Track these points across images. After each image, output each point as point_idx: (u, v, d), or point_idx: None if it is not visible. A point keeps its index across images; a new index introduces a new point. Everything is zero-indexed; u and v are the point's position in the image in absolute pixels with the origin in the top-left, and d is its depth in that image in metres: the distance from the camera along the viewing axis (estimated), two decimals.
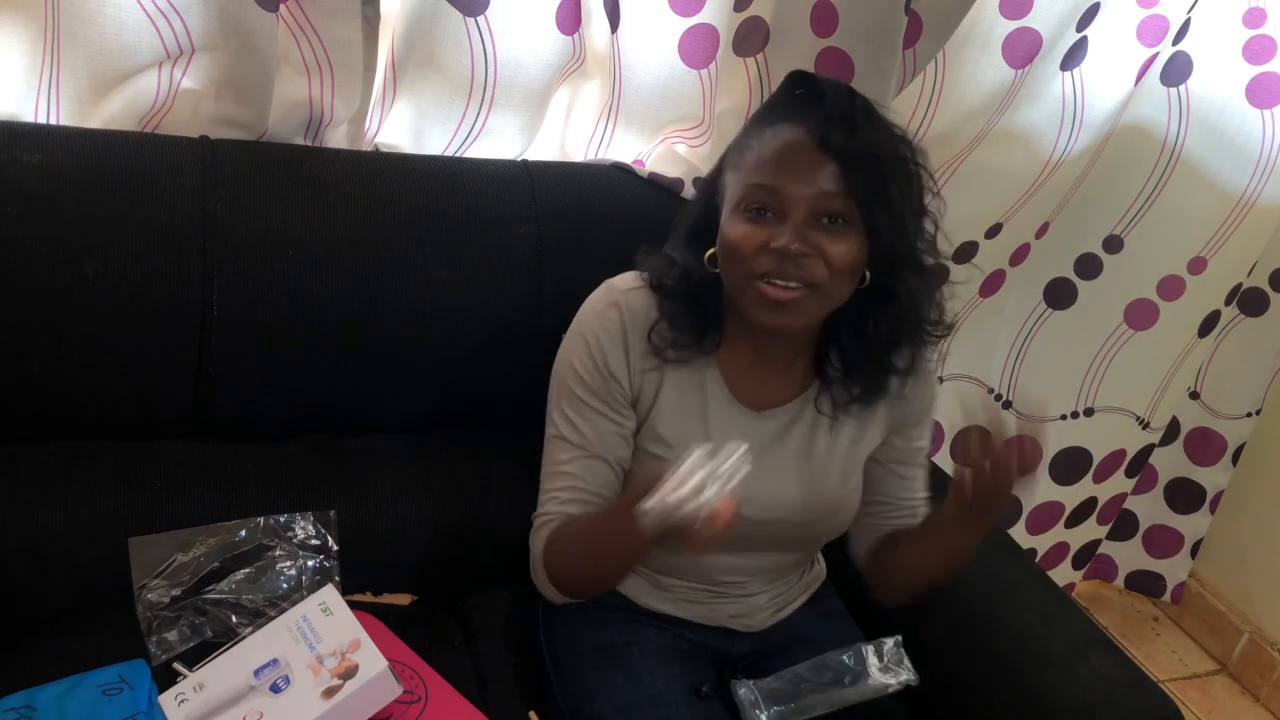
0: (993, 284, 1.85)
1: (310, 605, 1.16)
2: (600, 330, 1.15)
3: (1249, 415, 2.15)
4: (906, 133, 1.11)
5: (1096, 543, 2.24)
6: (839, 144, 1.03)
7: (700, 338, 1.14)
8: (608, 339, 1.15)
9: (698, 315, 1.13)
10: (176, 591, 1.21)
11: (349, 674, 1.07)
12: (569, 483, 1.16)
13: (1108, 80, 1.63)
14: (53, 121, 1.27)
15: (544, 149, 1.53)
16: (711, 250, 1.11)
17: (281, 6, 1.26)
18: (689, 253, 1.15)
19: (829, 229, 1.05)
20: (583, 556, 1.15)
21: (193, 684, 1.11)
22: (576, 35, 1.41)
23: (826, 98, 1.06)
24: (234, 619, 1.21)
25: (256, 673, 1.10)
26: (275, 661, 1.11)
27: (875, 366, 1.16)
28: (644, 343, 1.15)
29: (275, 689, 1.08)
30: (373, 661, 1.08)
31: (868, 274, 1.09)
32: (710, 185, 1.16)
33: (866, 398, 1.17)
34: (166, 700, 1.09)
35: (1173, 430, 2.18)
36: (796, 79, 1.12)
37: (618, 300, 1.16)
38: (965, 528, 1.12)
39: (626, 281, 1.18)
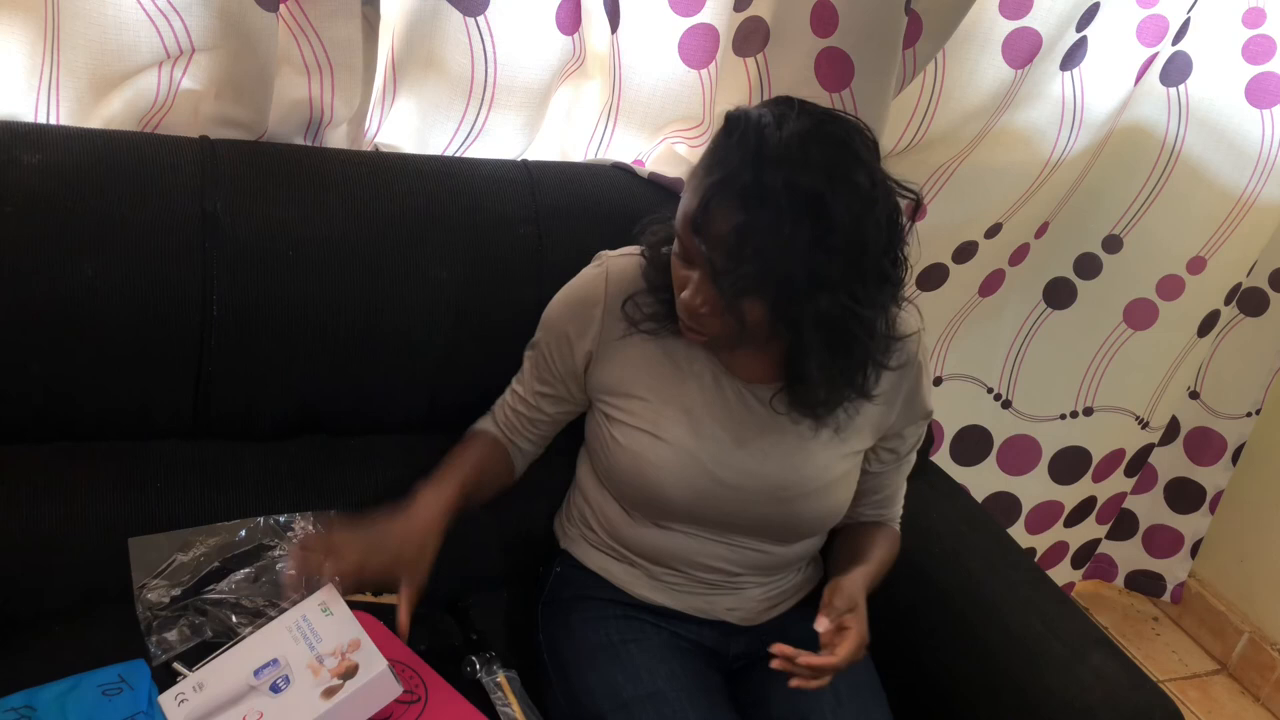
0: (992, 284, 1.85)
1: (310, 605, 1.16)
2: (576, 297, 1.23)
3: (1249, 415, 2.15)
4: (882, 187, 1.05)
5: (1096, 542, 2.24)
6: (723, 226, 1.00)
7: (672, 313, 1.16)
8: (580, 307, 1.22)
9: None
10: (176, 591, 1.21)
11: (349, 674, 1.07)
12: (507, 400, 1.31)
13: (1107, 80, 1.63)
14: (53, 121, 1.27)
15: (544, 149, 1.53)
16: None
17: (281, 6, 1.26)
18: None
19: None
20: None
21: (192, 684, 1.11)
22: (576, 35, 1.41)
23: (733, 158, 1.01)
24: (234, 619, 1.21)
25: (256, 673, 1.10)
26: (275, 661, 1.11)
27: (813, 387, 1.14)
28: (620, 310, 1.20)
29: (275, 689, 1.08)
30: (373, 661, 1.08)
31: None
32: None
33: (819, 412, 1.17)
34: (166, 700, 1.09)
35: (1172, 430, 2.18)
36: (728, 122, 1.05)
37: (606, 266, 1.22)
38: None
39: (621, 250, 1.25)
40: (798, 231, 1.00)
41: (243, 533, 1.25)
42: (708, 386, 1.20)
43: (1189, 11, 1.62)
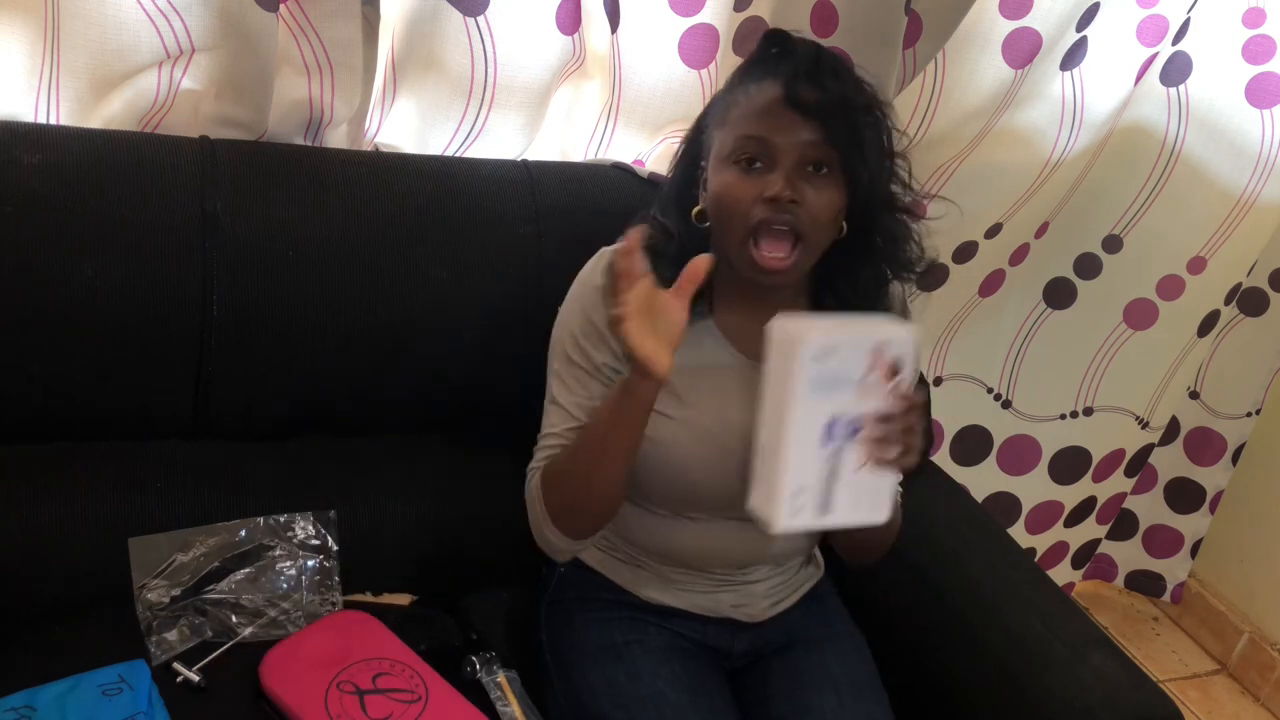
0: (993, 284, 1.85)
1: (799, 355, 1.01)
2: (590, 295, 1.19)
3: (1249, 415, 2.15)
4: (872, 86, 1.16)
5: (1096, 542, 2.24)
6: (815, 97, 1.09)
7: (693, 302, 1.16)
8: (596, 305, 1.18)
9: None
10: (176, 591, 1.21)
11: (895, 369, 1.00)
12: (561, 443, 1.18)
13: (1107, 80, 1.63)
14: (53, 121, 1.27)
15: (544, 149, 1.53)
16: (698, 208, 1.16)
17: (281, 6, 1.26)
18: (676, 216, 1.19)
19: (813, 177, 1.11)
20: (575, 465, 1.14)
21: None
22: (576, 35, 1.41)
23: (798, 53, 1.12)
24: (234, 619, 1.21)
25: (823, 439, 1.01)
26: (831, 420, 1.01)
27: (867, 307, 1.21)
28: None
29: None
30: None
31: (844, 225, 1.15)
32: (692, 147, 1.20)
33: None
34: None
35: (1172, 430, 2.18)
36: (771, 39, 1.17)
37: (611, 261, 1.20)
38: None
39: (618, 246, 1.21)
40: (870, 107, 1.13)
41: (243, 533, 1.25)
42: (725, 367, 1.20)
43: (1189, 11, 1.62)
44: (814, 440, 1.02)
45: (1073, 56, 1.60)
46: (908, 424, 1.02)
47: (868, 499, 1.06)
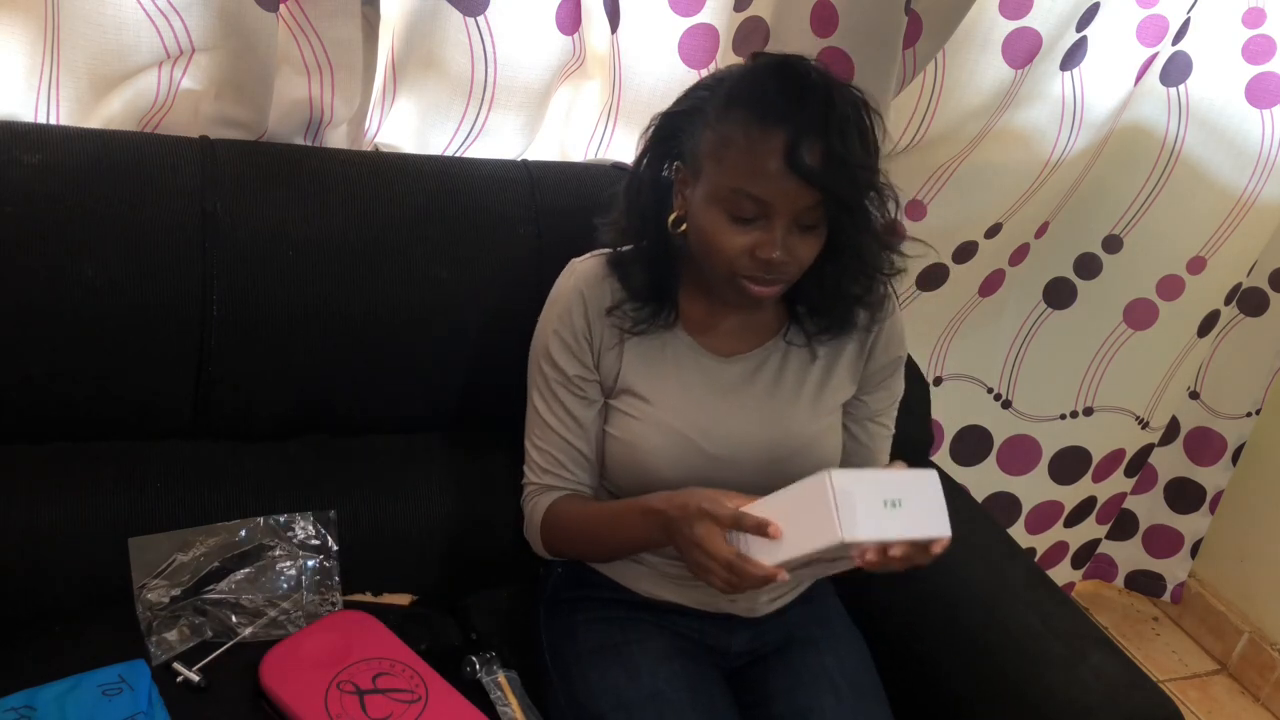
0: (992, 284, 1.85)
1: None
2: (564, 313, 1.21)
3: (1249, 415, 2.15)
4: (871, 102, 1.12)
5: (1096, 542, 2.24)
6: (819, 161, 1.06)
7: (659, 311, 1.20)
8: (570, 323, 1.21)
9: (657, 286, 1.20)
10: (176, 591, 1.21)
11: None
12: (545, 461, 1.24)
13: (1107, 80, 1.63)
14: (53, 121, 1.27)
15: (544, 149, 1.53)
16: (674, 215, 1.16)
17: (281, 6, 1.26)
18: (650, 220, 1.19)
19: (802, 232, 1.11)
20: (582, 538, 1.24)
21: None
22: (576, 35, 1.41)
23: (807, 102, 1.06)
24: (234, 619, 1.21)
25: None
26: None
27: (837, 300, 1.21)
28: (605, 318, 1.20)
29: None
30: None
31: None
32: (665, 147, 1.18)
33: (834, 329, 1.23)
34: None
35: (1172, 430, 2.18)
36: (783, 75, 1.10)
37: (579, 280, 1.22)
38: None
39: (587, 259, 1.24)
40: (866, 143, 1.10)
41: (243, 533, 1.25)
42: (689, 369, 1.22)
43: (1189, 11, 1.62)
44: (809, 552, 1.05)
45: (1073, 56, 1.60)
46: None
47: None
